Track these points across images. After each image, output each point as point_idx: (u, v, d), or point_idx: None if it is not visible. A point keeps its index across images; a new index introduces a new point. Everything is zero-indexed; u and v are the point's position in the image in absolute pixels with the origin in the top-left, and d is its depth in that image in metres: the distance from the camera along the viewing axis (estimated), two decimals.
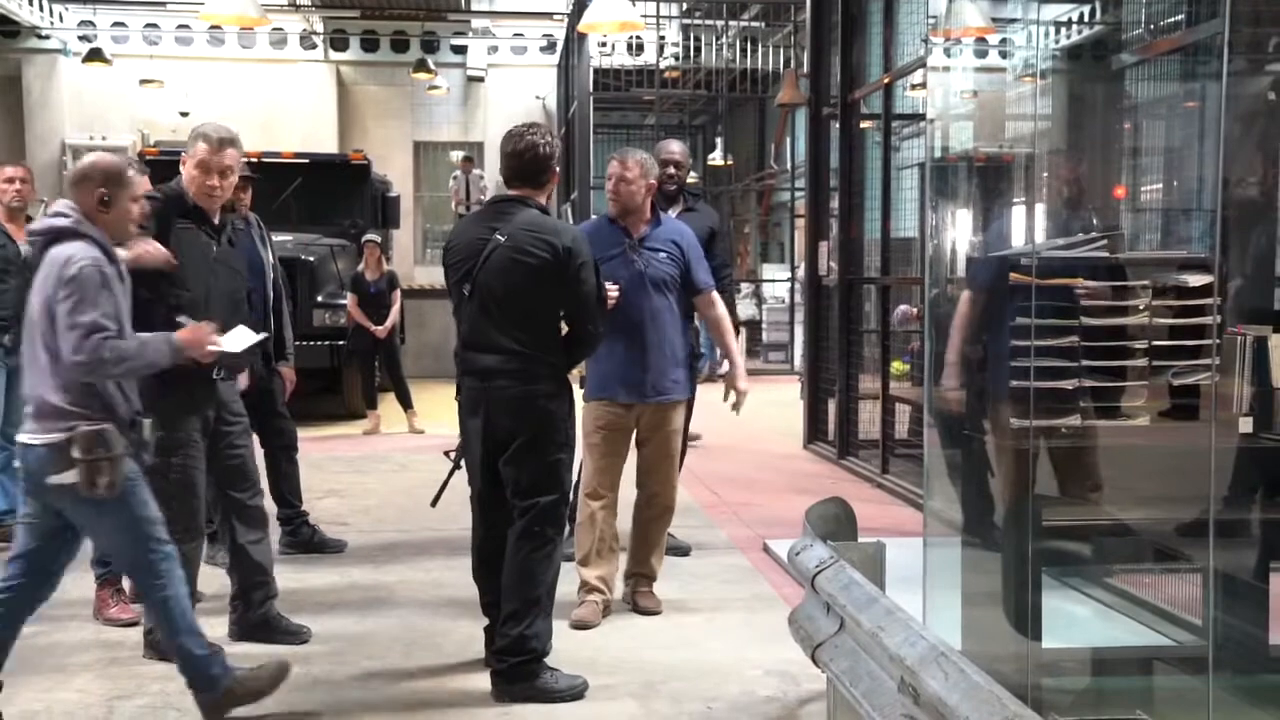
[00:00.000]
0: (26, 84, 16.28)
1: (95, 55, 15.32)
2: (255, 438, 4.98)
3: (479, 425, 3.97)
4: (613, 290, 4.30)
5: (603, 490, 4.73)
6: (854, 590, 3.01)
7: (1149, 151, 5.19)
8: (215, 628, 4.36)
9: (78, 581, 5.00)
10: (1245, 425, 3.26)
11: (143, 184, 4.42)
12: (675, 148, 5.66)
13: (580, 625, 4.63)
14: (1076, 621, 4.05)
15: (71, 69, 16.14)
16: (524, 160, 3.98)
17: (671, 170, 5.47)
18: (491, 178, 15.83)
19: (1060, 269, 3.56)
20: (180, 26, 16.26)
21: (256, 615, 4.43)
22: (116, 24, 16.36)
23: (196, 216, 4.23)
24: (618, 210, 4.71)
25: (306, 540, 5.87)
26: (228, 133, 4.30)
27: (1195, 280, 3.39)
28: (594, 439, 4.73)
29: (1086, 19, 5.76)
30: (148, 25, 16.43)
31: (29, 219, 5.84)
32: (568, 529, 5.06)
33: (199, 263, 4.21)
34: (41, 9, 15.65)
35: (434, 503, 4.31)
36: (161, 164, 5.27)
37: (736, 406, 4.85)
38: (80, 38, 16.12)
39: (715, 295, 4.91)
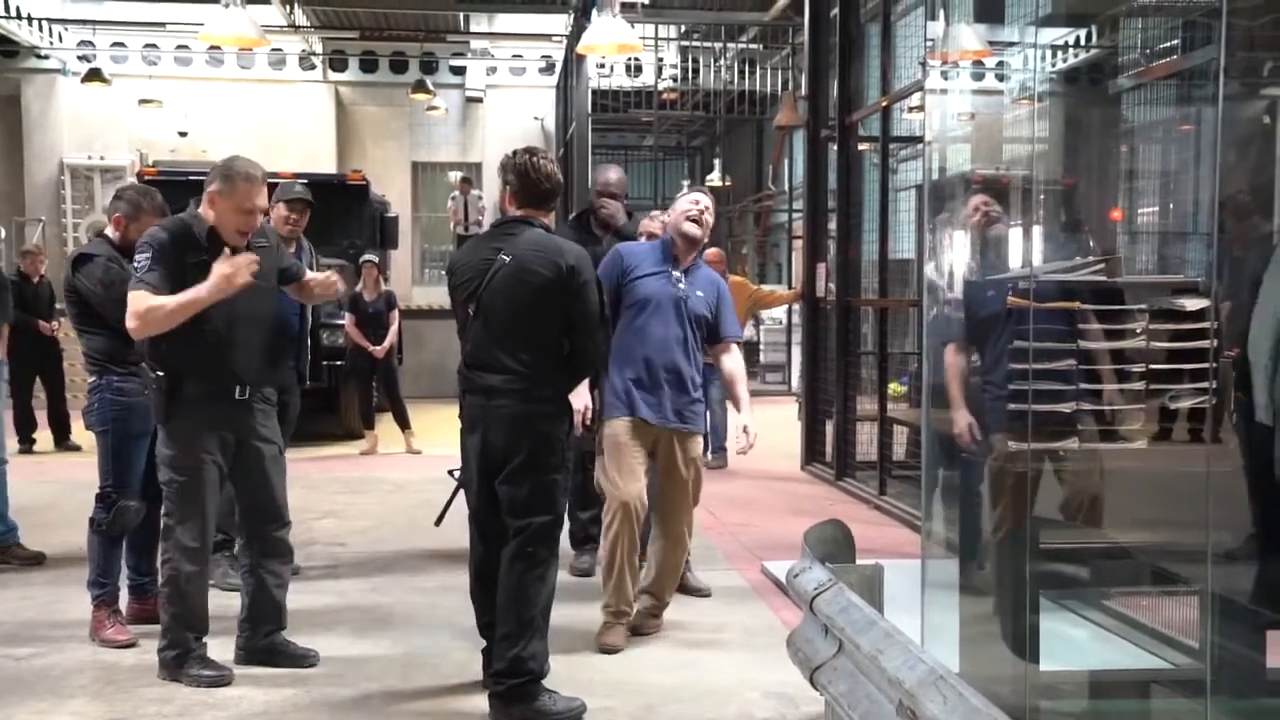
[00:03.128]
0: (25, 103, 16.34)
1: (94, 75, 15.38)
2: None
3: (477, 443, 3.98)
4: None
5: (628, 508, 4.66)
6: (852, 613, 3.01)
7: (1145, 175, 5.21)
8: (222, 650, 4.36)
9: (74, 603, 5.01)
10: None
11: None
12: (613, 176, 5.83)
13: (610, 650, 4.59)
14: (1074, 644, 4.05)
15: (70, 89, 16.20)
16: (541, 190, 4.04)
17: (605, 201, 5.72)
18: (490, 199, 15.89)
19: (1058, 292, 3.57)
20: (179, 47, 16.33)
21: (263, 642, 4.41)
22: (116, 44, 16.43)
23: (213, 249, 4.17)
24: (696, 237, 4.78)
25: None
26: (261, 170, 4.33)
27: (1192, 304, 3.41)
28: (617, 455, 4.64)
29: (1083, 43, 5.79)
30: (147, 45, 16.49)
31: None
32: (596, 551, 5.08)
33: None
34: (41, 29, 15.71)
35: (438, 521, 4.31)
36: (160, 184, 5.28)
37: (744, 450, 4.86)
38: (79, 58, 16.18)
39: (737, 347, 5.03)
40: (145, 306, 4.03)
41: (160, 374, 4.14)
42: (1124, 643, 4.03)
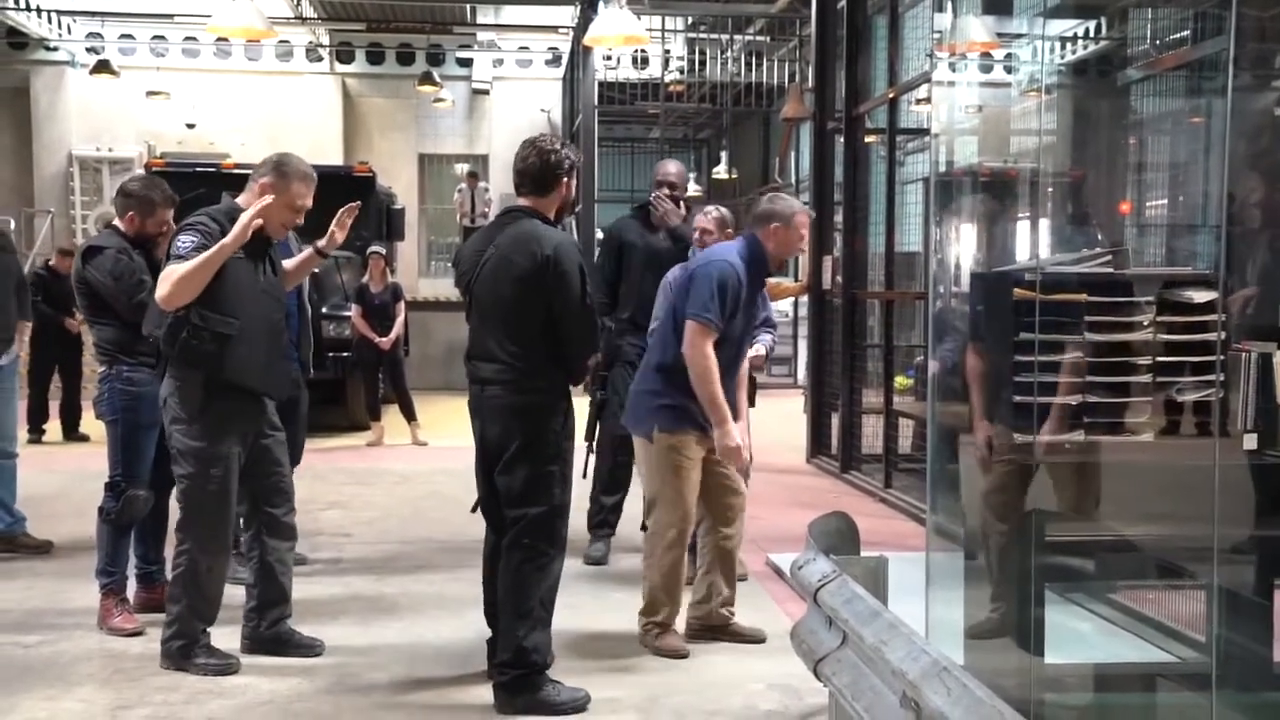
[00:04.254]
0: (34, 95, 16.36)
1: (103, 67, 15.39)
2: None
3: (478, 433, 4.01)
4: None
5: (691, 522, 4.59)
6: (857, 604, 3.01)
7: (1154, 167, 5.19)
8: (228, 639, 4.37)
9: (82, 591, 5.03)
10: (1250, 442, 3.25)
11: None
12: (672, 169, 5.91)
13: (679, 655, 4.52)
14: (1079, 637, 4.05)
15: (79, 80, 16.22)
16: (527, 165, 4.01)
17: (666, 191, 5.76)
18: (497, 190, 15.89)
19: (1066, 284, 3.56)
20: (187, 39, 16.34)
21: (269, 631, 4.43)
22: (124, 36, 16.44)
23: (254, 241, 4.17)
24: (788, 256, 4.80)
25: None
26: (314, 172, 4.38)
27: (1200, 297, 3.40)
28: (690, 472, 4.49)
29: (1092, 34, 5.77)
30: (155, 37, 16.51)
31: None
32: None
33: (247, 292, 4.19)
34: (50, 21, 15.73)
35: (474, 509, 4.27)
36: (167, 176, 5.30)
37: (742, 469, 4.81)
38: (88, 49, 16.19)
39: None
40: (174, 272, 4.00)
41: (193, 370, 4.11)
42: (1130, 636, 4.03)
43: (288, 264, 4.60)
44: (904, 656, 2.59)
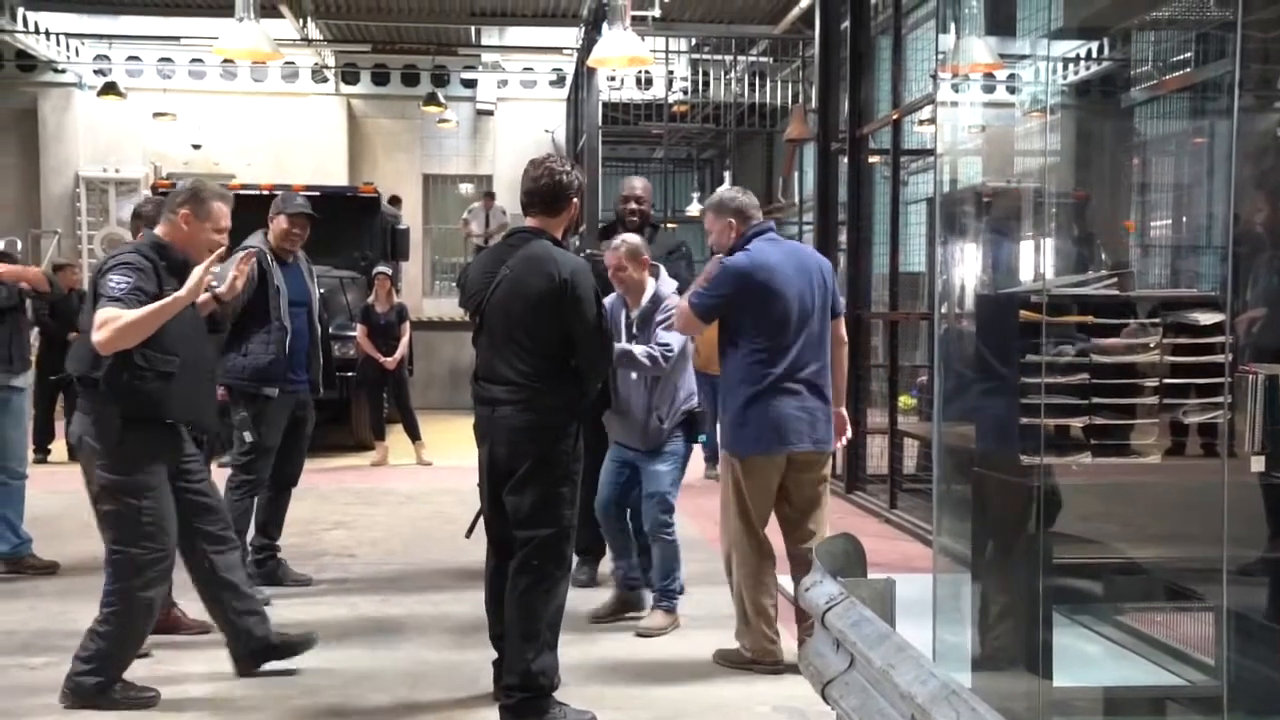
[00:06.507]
0: (42, 117, 16.43)
1: (110, 89, 15.46)
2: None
3: (485, 455, 4.00)
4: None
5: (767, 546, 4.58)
6: (864, 627, 2.99)
7: (1158, 188, 5.20)
8: (220, 663, 4.35)
9: (87, 612, 5.01)
10: (1258, 464, 3.25)
11: None
12: (637, 184, 6.01)
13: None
14: (1088, 660, 4.03)
15: (86, 102, 16.29)
16: (539, 185, 4.02)
17: (633, 205, 5.87)
18: (508, 211, 15.90)
19: (1071, 306, 3.56)
20: (194, 60, 16.40)
21: (259, 643, 4.38)
22: (131, 58, 16.52)
23: (180, 281, 4.11)
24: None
25: (270, 572, 5.80)
26: (227, 191, 4.46)
27: (1206, 318, 3.40)
28: (760, 495, 4.51)
29: (1094, 55, 5.78)
30: (161, 59, 16.58)
31: (3, 254, 5.87)
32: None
33: (182, 328, 4.12)
34: (58, 43, 15.81)
35: (468, 534, 4.29)
36: None
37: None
38: (95, 71, 16.27)
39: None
40: (119, 319, 3.90)
41: (112, 405, 4.02)
42: (1138, 659, 4.01)
43: (221, 290, 4.56)
44: (912, 679, 2.58)
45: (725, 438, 4.55)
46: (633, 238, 5.10)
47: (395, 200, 15.47)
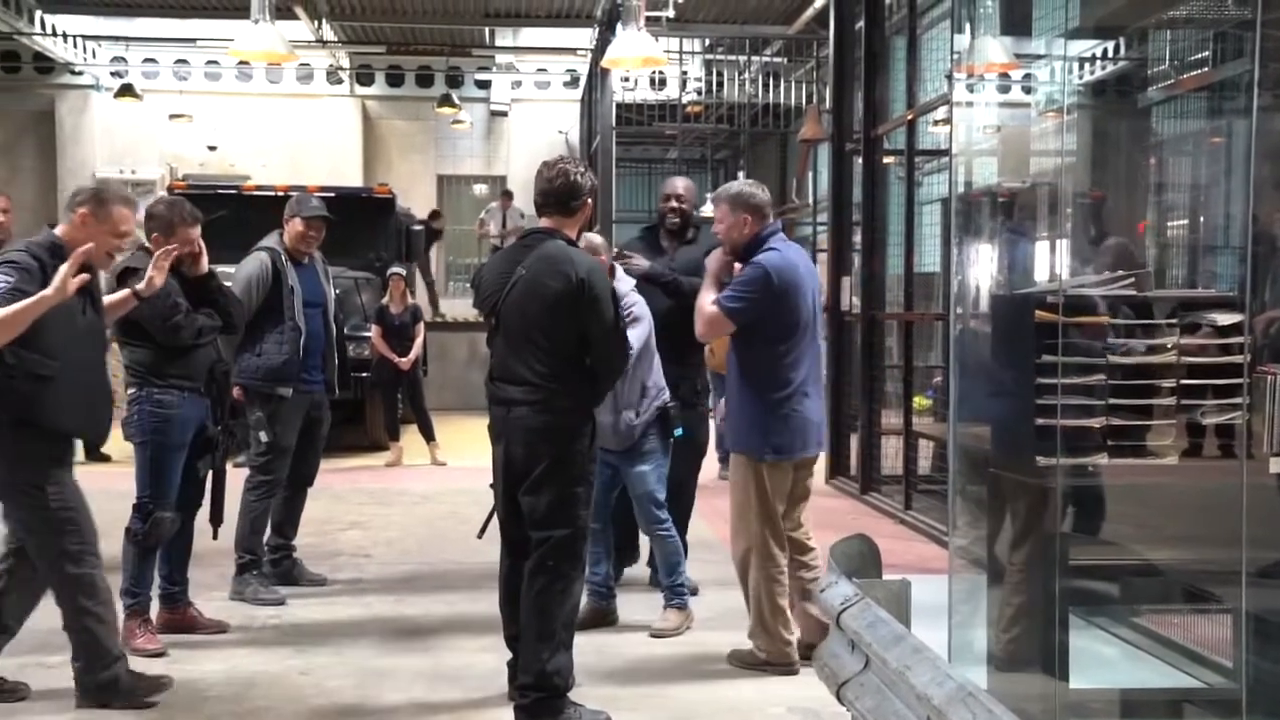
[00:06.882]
0: (59, 118, 16.54)
1: (127, 91, 15.56)
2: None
3: (501, 455, 4.00)
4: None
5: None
6: (879, 628, 2.99)
7: (1175, 188, 5.17)
8: (236, 660, 4.37)
9: None
10: (1276, 465, 3.23)
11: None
12: (679, 183, 5.88)
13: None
14: (1104, 662, 4.01)
15: (103, 104, 16.39)
16: (554, 186, 4.02)
17: (673, 204, 5.74)
18: (525, 213, 15.94)
19: (1088, 306, 3.55)
20: (209, 62, 16.49)
21: (105, 677, 4.13)
22: (147, 60, 16.61)
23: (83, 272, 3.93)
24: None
25: (285, 572, 5.82)
26: (132, 195, 4.41)
27: (1224, 319, 3.38)
28: (780, 496, 4.55)
29: (1110, 55, 5.76)
30: (178, 61, 16.67)
31: None
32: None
33: (68, 331, 3.97)
34: (75, 45, 15.90)
35: (480, 534, 4.31)
36: (190, 198, 5.34)
37: None
38: (112, 73, 16.37)
39: None
40: None
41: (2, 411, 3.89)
42: (1156, 661, 3.99)
43: (107, 300, 4.43)
44: (929, 681, 2.57)
45: (744, 441, 4.52)
46: (593, 237, 5.02)
47: (435, 215, 15.57)
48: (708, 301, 4.50)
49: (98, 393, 4.16)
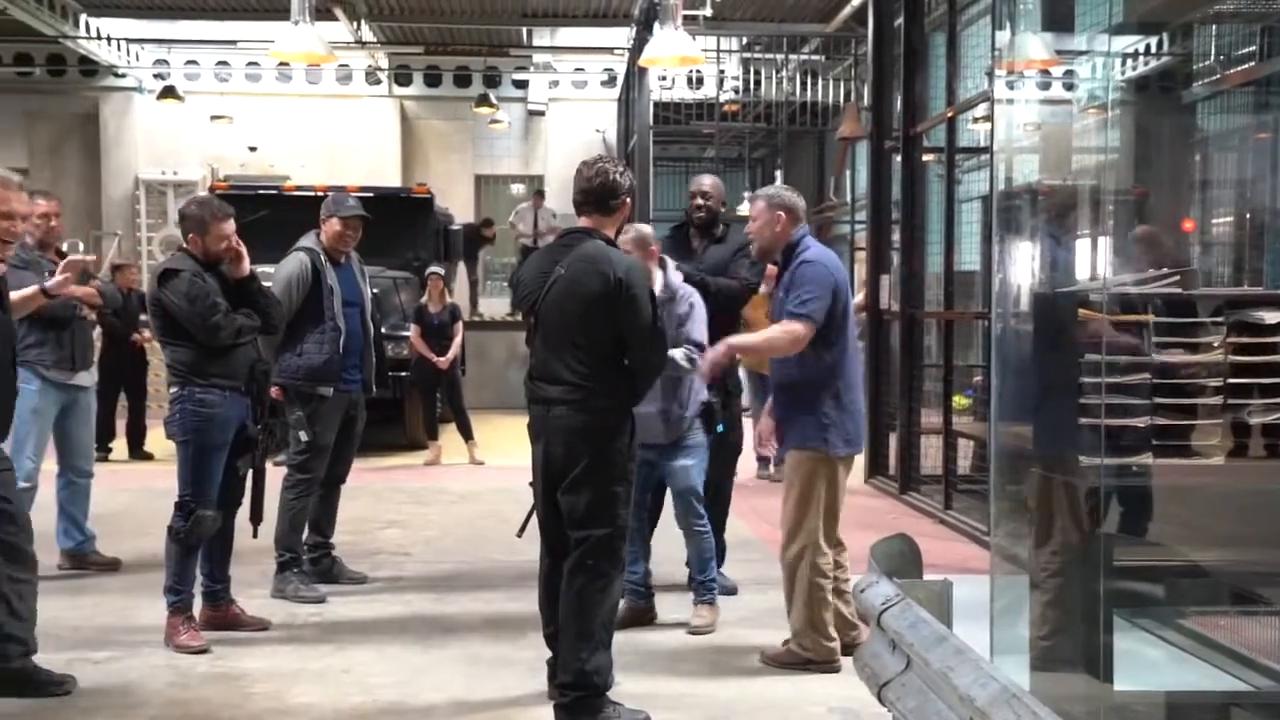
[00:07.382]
0: (103, 121, 16.78)
1: (169, 93, 15.75)
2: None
3: (540, 454, 4.01)
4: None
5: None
6: (921, 628, 2.97)
7: (1220, 184, 5.10)
8: (279, 658, 4.40)
9: (149, 608, 5.12)
10: None
11: None
12: (706, 181, 5.91)
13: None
14: (1150, 664, 3.96)
15: (146, 106, 16.61)
16: (593, 185, 4.03)
17: (699, 201, 5.76)
18: (558, 210, 15.98)
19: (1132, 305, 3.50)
20: (250, 64, 16.66)
21: (11, 670, 4.13)
22: (189, 62, 16.81)
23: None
24: None
25: (325, 570, 5.86)
26: (15, 177, 4.40)
27: (1271, 317, 3.33)
28: (843, 490, 4.63)
29: (1154, 50, 5.69)
30: (219, 63, 16.86)
31: (60, 253, 5.95)
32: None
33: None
34: (119, 48, 16.13)
35: (519, 533, 4.33)
36: (230, 199, 5.41)
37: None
38: (155, 76, 16.58)
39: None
40: None
41: None
42: (1202, 664, 3.93)
43: (13, 296, 4.43)
44: (971, 682, 2.55)
45: (813, 437, 4.51)
46: (643, 227, 5.03)
47: (488, 223, 15.67)
48: (769, 333, 4.60)
49: (6, 390, 4.16)
